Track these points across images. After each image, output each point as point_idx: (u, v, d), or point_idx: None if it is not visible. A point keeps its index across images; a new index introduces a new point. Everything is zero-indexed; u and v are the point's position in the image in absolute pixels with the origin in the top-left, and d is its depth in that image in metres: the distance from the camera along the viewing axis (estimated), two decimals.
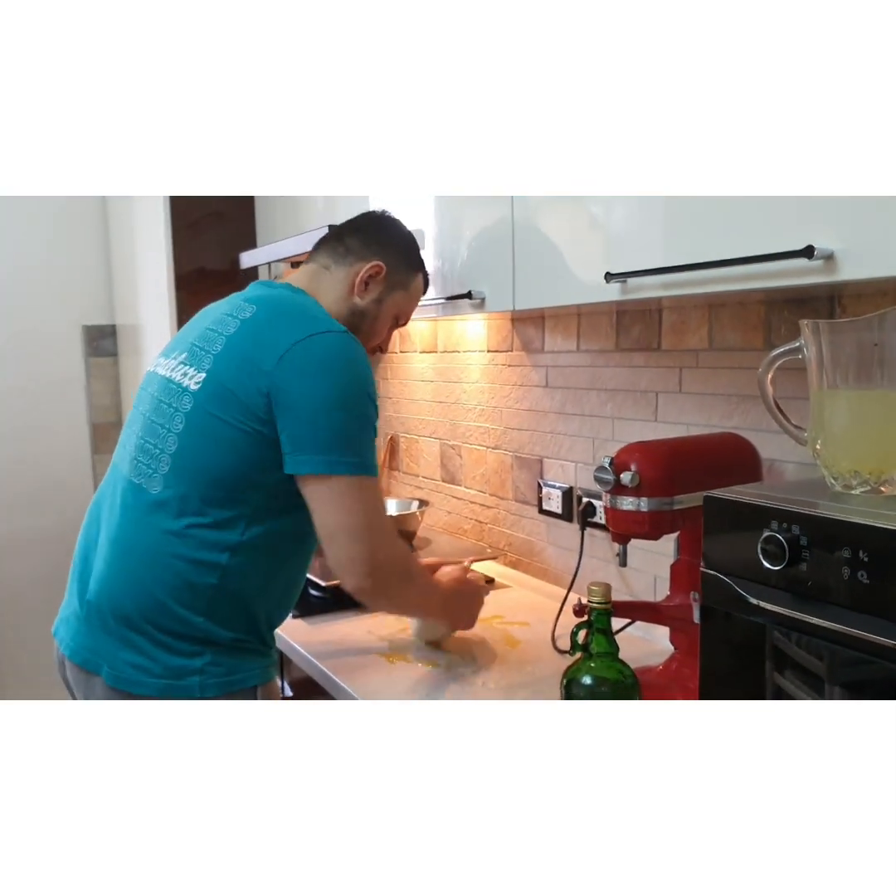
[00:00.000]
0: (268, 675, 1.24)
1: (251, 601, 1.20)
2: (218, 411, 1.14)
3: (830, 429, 0.83)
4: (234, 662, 1.18)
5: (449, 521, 2.23)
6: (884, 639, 0.71)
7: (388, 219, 1.39)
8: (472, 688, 1.33)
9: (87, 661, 1.19)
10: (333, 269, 1.31)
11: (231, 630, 1.18)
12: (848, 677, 0.75)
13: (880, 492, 0.81)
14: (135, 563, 1.17)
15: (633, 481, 1.13)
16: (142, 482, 1.18)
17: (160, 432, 1.18)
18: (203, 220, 2.55)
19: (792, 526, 0.78)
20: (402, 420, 2.43)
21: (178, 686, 1.15)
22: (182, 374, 1.19)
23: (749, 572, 0.82)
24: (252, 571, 1.18)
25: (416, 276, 1.39)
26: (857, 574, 0.73)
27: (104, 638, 1.17)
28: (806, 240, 0.87)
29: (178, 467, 1.15)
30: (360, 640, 1.53)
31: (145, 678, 1.15)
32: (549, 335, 1.81)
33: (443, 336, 2.20)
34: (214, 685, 1.16)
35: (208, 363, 1.17)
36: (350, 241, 1.33)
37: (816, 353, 0.84)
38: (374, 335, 1.35)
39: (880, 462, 0.80)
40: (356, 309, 1.31)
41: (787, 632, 0.80)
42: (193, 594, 1.15)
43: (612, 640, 1.07)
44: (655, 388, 1.55)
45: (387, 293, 1.33)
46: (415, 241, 1.40)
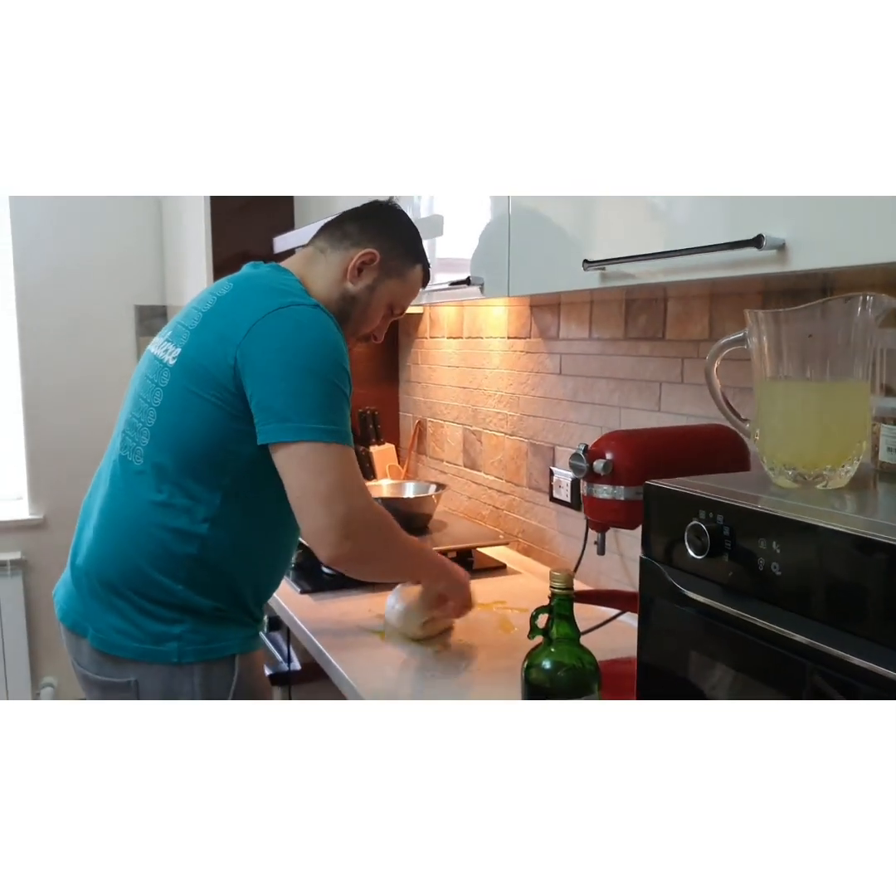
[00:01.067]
0: (248, 646, 1.28)
1: (233, 573, 1.24)
2: (192, 385, 1.18)
3: (769, 420, 0.82)
4: (214, 631, 1.23)
5: (469, 505, 2.25)
6: (791, 632, 0.70)
7: (390, 208, 1.39)
8: (455, 667, 1.35)
9: (76, 623, 1.25)
10: (329, 253, 1.32)
11: (211, 599, 1.22)
12: (763, 670, 0.75)
13: (815, 485, 0.80)
14: (120, 533, 1.22)
15: (605, 469, 1.14)
16: (126, 454, 1.23)
17: (143, 406, 1.23)
18: (248, 206, 2.62)
19: (717, 516, 0.78)
20: (429, 405, 2.46)
21: (157, 651, 1.20)
22: (164, 351, 1.24)
23: (680, 561, 0.83)
24: (232, 543, 1.22)
25: (413, 266, 1.37)
26: (770, 566, 0.72)
27: (91, 603, 1.23)
28: (762, 229, 0.86)
29: (157, 440, 1.20)
30: (360, 617, 1.57)
31: (127, 642, 1.20)
32: (564, 322, 1.80)
33: (468, 322, 2.21)
34: (192, 651, 1.21)
35: (185, 339, 1.21)
36: (349, 226, 1.34)
37: (758, 343, 0.83)
38: (365, 322, 1.35)
39: (815, 456, 0.79)
40: (347, 294, 1.31)
41: (713, 622, 0.79)
42: (174, 563, 1.20)
43: (573, 626, 1.08)
44: (659, 378, 1.53)
45: (380, 281, 1.33)
46: (416, 232, 1.39)
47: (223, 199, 2.51)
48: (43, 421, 2.99)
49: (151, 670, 1.21)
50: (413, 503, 2.02)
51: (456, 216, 1.60)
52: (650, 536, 0.87)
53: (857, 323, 0.78)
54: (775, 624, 0.71)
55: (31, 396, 2.98)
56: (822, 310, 0.79)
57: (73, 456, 2.92)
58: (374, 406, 2.59)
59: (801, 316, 0.79)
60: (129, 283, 3.06)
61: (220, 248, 2.51)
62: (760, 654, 0.74)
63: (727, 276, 0.94)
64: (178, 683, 1.22)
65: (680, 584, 0.82)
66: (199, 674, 1.22)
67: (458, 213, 1.59)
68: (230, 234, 2.54)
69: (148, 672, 1.21)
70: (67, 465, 2.92)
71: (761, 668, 0.74)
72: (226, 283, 1.26)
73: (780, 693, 0.72)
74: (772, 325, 0.81)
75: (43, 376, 2.98)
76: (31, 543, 3.01)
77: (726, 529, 0.77)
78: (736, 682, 0.78)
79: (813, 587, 0.69)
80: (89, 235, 2.99)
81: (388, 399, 2.66)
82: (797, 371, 0.80)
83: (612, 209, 1.14)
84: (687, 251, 0.96)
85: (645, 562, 0.88)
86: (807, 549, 0.69)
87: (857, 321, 0.78)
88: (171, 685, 1.21)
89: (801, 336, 0.80)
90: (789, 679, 0.71)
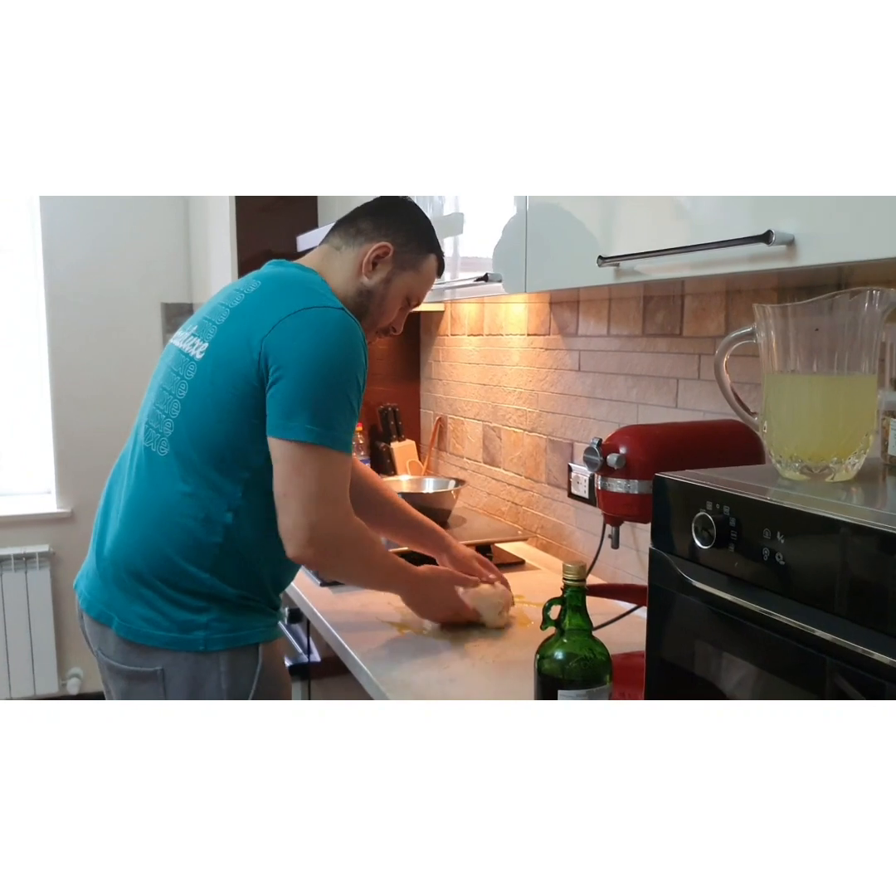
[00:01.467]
0: (270, 634, 1.30)
1: (255, 561, 1.27)
2: (218, 379, 1.21)
3: (776, 413, 0.83)
4: (239, 620, 1.26)
5: (488, 502, 2.27)
6: (794, 620, 0.71)
7: (402, 201, 1.40)
8: (472, 659, 1.37)
9: (101, 613, 1.28)
10: (344, 250, 1.35)
11: (237, 587, 1.25)
12: (770, 660, 0.76)
13: (822, 478, 0.81)
14: (147, 522, 1.25)
15: (619, 463, 1.15)
16: (150, 446, 1.26)
17: (168, 398, 1.26)
18: (272, 205, 2.65)
19: (724, 507, 0.79)
20: (450, 402, 2.48)
21: (184, 639, 1.23)
22: (191, 345, 1.27)
23: (688, 552, 0.84)
24: (254, 533, 1.24)
25: (427, 257, 1.38)
26: (775, 556, 0.73)
27: (118, 593, 1.26)
28: (771, 225, 0.87)
29: (180, 431, 1.23)
30: (378, 610, 1.59)
31: (154, 631, 1.23)
32: (583, 319, 1.81)
33: (489, 319, 2.23)
34: (219, 640, 1.24)
35: (212, 333, 1.24)
36: (362, 223, 1.36)
37: (766, 338, 0.84)
38: (382, 315, 1.37)
39: (821, 448, 0.80)
40: (363, 288, 1.33)
41: (719, 611, 0.81)
42: (200, 552, 1.22)
43: (586, 618, 1.09)
44: (676, 374, 1.54)
45: (395, 273, 1.34)
46: (429, 223, 1.41)
47: (248, 199, 2.55)
48: (71, 417, 3.05)
49: (178, 659, 1.24)
50: (432, 499, 2.04)
51: (476, 214, 1.61)
52: (659, 528, 0.88)
53: (864, 317, 0.79)
54: (780, 613, 0.73)
55: (59, 393, 3.04)
56: (829, 304, 0.79)
57: (101, 451, 2.97)
58: (396, 403, 2.61)
59: (808, 310, 0.80)
60: (156, 282, 3.11)
61: (245, 247, 2.55)
62: (763, 643, 0.75)
63: (737, 272, 0.95)
64: (205, 672, 1.24)
65: (688, 575, 0.83)
66: (224, 662, 1.25)
67: (478, 211, 1.61)
68: (255, 233, 2.58)
69: (175, 661, 1.24)
70: (95, 460, 2.98)
71: (765, 656, 0.76)
72: (253, 280, 1.29)
73: (787, 681, 0.74)
74: (779, 320, 0.82)
75: (71, 373, 3.04)
76: (58, 537, 3.07)
77: (732, 520, 0.78)
78: (743, 671, 0.79)
79: (815, 576, 0.70)
80: (117, 235, 3.04)
81: (410, 396, 2.69)
82: (804, 365, 0.81)
83: (625, 209, 1.15)
84: (696, 247, 0.97)
85: (654, 553, 0.89)
86: (810, 540, 0.71)
87: (864, 316, 0.79)
88: (198, 673, 1.24)
89: (808, 330, 0.81)
90: (793, 666, 0.73)
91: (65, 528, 3.07)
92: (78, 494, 3.08)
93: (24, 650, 3.02)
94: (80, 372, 3.05)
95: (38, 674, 3.05)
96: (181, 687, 1.24)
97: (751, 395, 1.35)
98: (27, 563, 2.99)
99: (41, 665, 3.05)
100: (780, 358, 0.83)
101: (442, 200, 1.75)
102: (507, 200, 1.47)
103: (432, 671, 1.32)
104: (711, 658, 0.83)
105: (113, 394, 3.05)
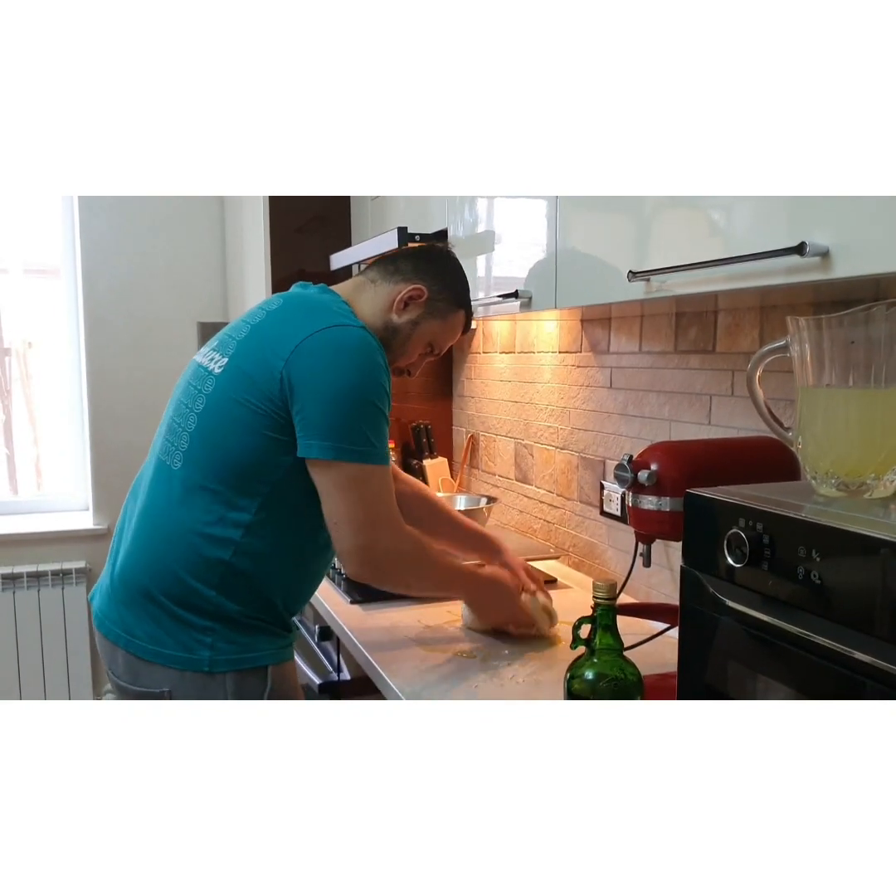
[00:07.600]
0: (280, 657, 1.29)
1: (265, 582, 1.25)
2: (236, 394, 1.21)
3: (811, 428, 0.81)
4: (247, 641, 1.24)
5: (520, 519, 2.25)
6: (831, 642, 0.69)
7: (445, 253, 1.42)
8: (501, 680, 1.35)
9: (109, 631, 1.28)
10: (379, 284, 1.36)
11: (243, 605, 1.24)
12: (808, 683, 0.74)
13: (860, 494, 0.79)
14: (157, 538, 1.25)
15: (650, 480, 1.13)
16: (165, 459, 1.27)
17: (184, 412, 1.27)
18: (307, 225, 2.68)
19: (757, 524, 0.77)
20: (482, 419, 2.47)
21: (189, 659, 1.22)
22: (210, 360, 1.28)
23: (720, 570, 0.82)
24: (265, 551, 1.23)
25: (457, 311, 1.40)
26: (811, 575, 0.71)
27: (125, 611, 1.26)
28: (805, 237, 0.85)
29: (196, 445, 1.23)
30: (408, 627, 1.58)
31: (160, 650, 1.22)
32: (615, 336, 1.80)
33: (520, 337, 2.22)
34: (224, 661, 1.23)
35: (232, 348, 1.25)
36: (402, 263, 1.37)
37: (800, 351, 0.82)
38: (403, 355, 1.38)
39: (857, 464, 0.78)
40: (391, 325, 1.34)
41: (753, 632, 0.79)
42: (207, 568, 1.22)
43: (616, 637, 1.07)
44: (710, 390, 1.52)
45: (423, 318, 1.35)
46: (466, 281, 1.42)
47: (282, 220, 2.57)
48: (107, 435, 3.09)
49: (185, 680, 1.23)
50: (464, 516, 2.02)
51: (508, 232, 1.61)
52: (691, 545, 0.87)
53: None
54: (817, 634, 0.70)
55: (96, 411, 3.08)
56: (865, 316, 0.78)
57: (136, 469, 2.98)
58: (428, 420, 2.61)
59: (843, 322, 0.78)
60: (192, 301, 3.15)
61: (279, 267, 2.57)
62: (800, 665, 0.73)
63: (770, 285, 0.93)
64: (212, 693, 1.23)
65: (720, 594, 0.81)
66: (231, 683, 1.23)
67: (509, 228, 1.60)
68: (289, 253, 2.60)
69: (181, 682, 1.23)
70: (130, 478, 2.99)
71: (802, 679, 0.73)
72: (276, 298, 1.30)
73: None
74: (814, 332, 0.81)
75: (108, 392, 3.08)
76: (94, 553, 3.10)
77: (766, 538, 0.76)
78: (780, 694, 0.77)
79: (854, 597, 0.68)
80: (155, 256, 3.09)
81: (442, 413, 2.68)
82: (839, 378, 0.79)
83: (655, 223, 1.14)
84: (728, 260, 0.95)
85: (685, 571, 0.87)
86: (848, 559, 0.68)
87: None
88: (205, 695, 1.22)
89: (843, 343, 0.79)
90: (831, 689, 0.70)
91: (100, 544, 3.10)
92: (113, 511, 3.10)
93: (60, 666, 3.05)
94: (118, 391, 3.09)
95: (74, 690, 3.08)
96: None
97: (786, 411, 1.32)
98: (64, 578, 3.02)
99: (76, 681, 3.08)
100: (815, 371, 0.81)
101: (474, 217, 1.75)
102: (538, 218, 1.47)
103: (460, 690, 1.31)
104: (746, 680, 0.81)
105: (149, 412, 3.07)
